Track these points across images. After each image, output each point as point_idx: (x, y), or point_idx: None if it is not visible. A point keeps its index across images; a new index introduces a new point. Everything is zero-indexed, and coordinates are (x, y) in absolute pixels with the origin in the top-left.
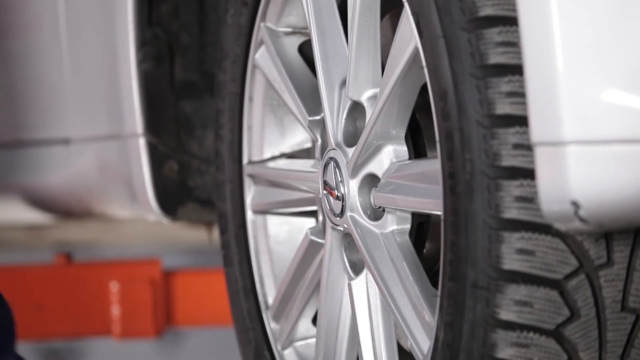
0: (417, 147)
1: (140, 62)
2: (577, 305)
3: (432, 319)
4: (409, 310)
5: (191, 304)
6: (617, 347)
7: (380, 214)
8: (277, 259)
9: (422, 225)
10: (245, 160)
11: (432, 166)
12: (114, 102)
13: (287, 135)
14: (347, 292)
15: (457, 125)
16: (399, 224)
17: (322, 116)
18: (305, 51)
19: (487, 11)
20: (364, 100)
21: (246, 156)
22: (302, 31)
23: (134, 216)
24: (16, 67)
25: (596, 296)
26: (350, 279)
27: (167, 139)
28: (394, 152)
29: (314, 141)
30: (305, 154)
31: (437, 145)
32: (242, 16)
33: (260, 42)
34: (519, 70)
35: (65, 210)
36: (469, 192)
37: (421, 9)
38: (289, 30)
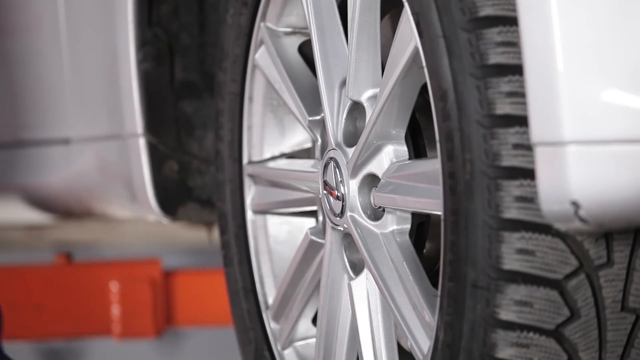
0: (417, 147)
1: (140, 62)
2: (577, 305)
3: (432, 319)
4: (409, 310)
5: (191, 304)
6: (617, 347)
7: (380, 214)
8: (277, 259)
9: (422, 225)
10: (245, 160)
11: (432, 166)
12: (114, 102)
13: (287, 135)
14: (347, 292)
15: (457, 125)
16: (399, 224)
17: (322, 116)
18: (305, 51)
19: (487, 11)
20: (364, 100)
21: (246, 156)
22: (302, 31)
23: (134, 216)
24: (16, 67)
25: (596, 296)
26: (350, 279)
27: (167, 139)
28: (394, 152)
29: (314, 141)
30: (305, 154)
31: (437, 145)
32: (242, 16)
33: (260, 42)
34: (519, 70)
35: (65, 210)
36: (469, 192)
37: (421, 9)
38: (289, 30)
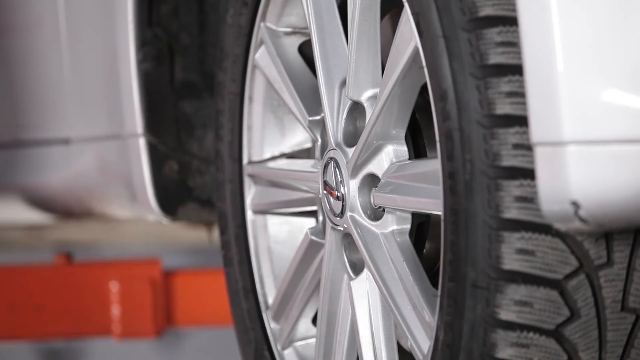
0: (417, 147)
1: (140, 62)
2: (577, 305)
3: (432, 319)
4: (409, 310)
5: (191, 304)
6: (617, 347)
7: (380, 214)
8: (277, 259)
9: (422, 225)
10: (245, 160)
11: (432, 166)
12: (114, 102)
13: (287, 135)
14: (347, 292)
15: (457, 125)
16: (399, 224)
17: (322, 116)
18: (305, 51)
19: (487, 11)
20: (364, 100)
21: (246, 156)
22: (302, 31)
23: (134, 216)
24: (16, 67)
25: (596, 296)
26: (350, 279)
27: (167, 139)
28: (394, 152)
29: (314, 141)
30: (305, 154)
31: (437, 145)
32: (242, 16)
33: (260, 42)
34: (519, 70)
35: (65, 210)
36: (469, 192)
37: (421, 9)
38: (289, 30)
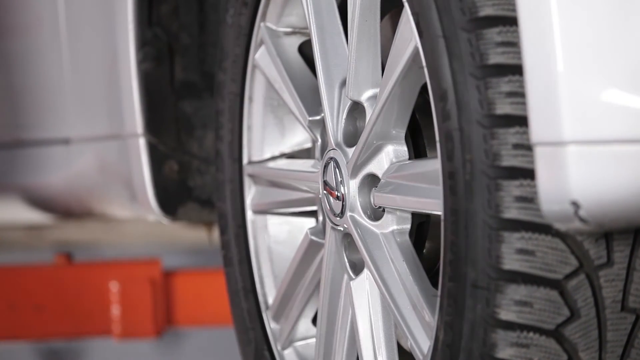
0: (417, 147)
1: (140, 62)
2: (577, 305)
3: (432, 319)
4: (409, 310)
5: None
6: (617, 347)
7: (380, 214)
8: (277, 259)
9: (422, 225)
10: (245, 160)
11: (432, 166)
12: (114, 102)
13: (287, 135)
14: (347, 292)
15: (457, 125)
16: (399, 224)
17: (322, 116)
18: (305, 51)
19: (487, 11)
20: (364, 100)
21: (246, 156)
22: (302, 31)
23: (134, 216)
24: (16, 67)
25: (596, 296)
26: (350, 279)
27: (167, 139)
28: (394, 152)
29: (314, 141)
30: (305, 154)
31: (437, 145)
32: (242, 16)
33: (260, 42)
34: (519, 70)
35: (65, 210)
36: (469, 192)
37: (421, 9)
38: (289, 30)
